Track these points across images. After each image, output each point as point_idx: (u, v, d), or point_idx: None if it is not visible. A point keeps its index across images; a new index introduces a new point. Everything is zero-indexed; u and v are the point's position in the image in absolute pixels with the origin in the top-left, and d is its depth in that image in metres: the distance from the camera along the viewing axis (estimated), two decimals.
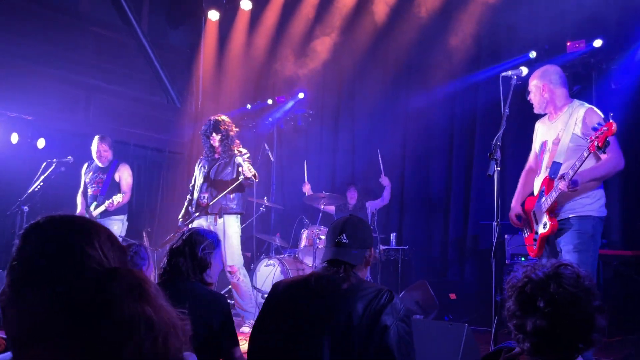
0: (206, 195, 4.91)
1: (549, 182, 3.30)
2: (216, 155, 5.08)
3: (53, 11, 7.51)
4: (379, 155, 6.61)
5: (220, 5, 8.10)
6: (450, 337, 2.56)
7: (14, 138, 6.65)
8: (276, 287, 2.16)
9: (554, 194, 3.18)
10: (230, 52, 8.28)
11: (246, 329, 4.72)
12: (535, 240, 3.36)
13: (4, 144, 6.53)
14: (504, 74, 3.39)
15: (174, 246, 2.48)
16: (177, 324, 1.02)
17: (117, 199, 5.51)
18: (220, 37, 8.41)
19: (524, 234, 3.54)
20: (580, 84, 5.53)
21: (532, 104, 3.54)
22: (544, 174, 3.39)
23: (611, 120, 2.83)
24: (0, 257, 6.34)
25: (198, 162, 5.26)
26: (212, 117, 5.11)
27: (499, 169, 3.08)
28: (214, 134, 4.97)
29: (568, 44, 5.58)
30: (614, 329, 4.74)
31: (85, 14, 7.91)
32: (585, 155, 2.97)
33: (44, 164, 5.97)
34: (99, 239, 1.03)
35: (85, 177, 6.00)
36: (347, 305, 1.90)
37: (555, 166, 3.29)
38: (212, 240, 2.54)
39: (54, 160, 5.98)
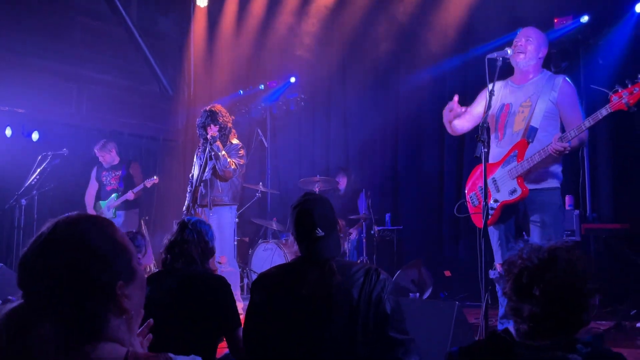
0: (199, 189, 4.93)
1: (521, 145, 3.28)
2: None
3: (40, 2, 7.45)
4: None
5: None
6: (441, 315, 2.65)
7: (8, 132, 6.66)
8: (263, 276, 2.17)
9: (536, 158, 3.19)
10: (220, 38, 8.26)
11: None
12: (492, 209, 3.30)
13: None
14: (489, 55, 3.39)
15: (182, 235, 2.56)
16: None
17: (140, 187, 6.13)
18: (209, 23, 8.38)
19: (474, 202, 3.56)
20: (567, 61, 5.58)
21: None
22: (511, 138, 3.37)
23: None
24: (1, 250, 6.40)
25: (197, 150, 5.26)
26: (207, 108, 5.01)
27: (486, 150, 3.12)
28: (211, 125, 4.86)
29: (555, 20, 5.61)
30: (606, 300, 4.88)
31: (74, 4, 7.84)
32: (604, 114, 2.95)
33: (40, 157, 6.03)
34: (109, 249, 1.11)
35: (97, 177, 6.31)
36: (344, 291, 1.97)
37: (532, 131, 3.29)
38: (212, 232, 2.69)
39: (49, 153, 6.04)
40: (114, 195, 6.15)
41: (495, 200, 3.34)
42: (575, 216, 5.00)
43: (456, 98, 3.55)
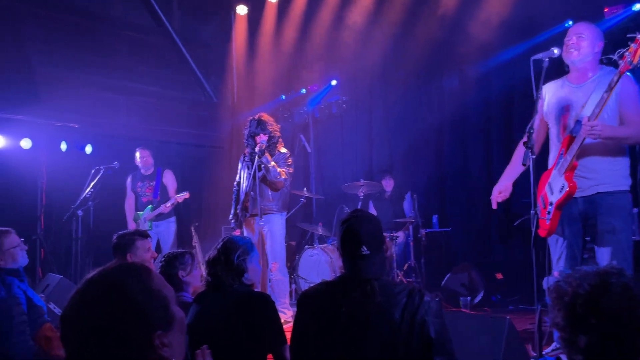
0: (249, 198, 4.97)
1: (569, 141, 3.10)
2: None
3: (87, 19, 7.72)
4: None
5: None
6: (492, 331, 2.58)
7: (63, 146, 6.96)
8: (306, 295, 2.18)
9: (575, 147, 3.01)
10: (261, 44, 8.34)
11: None
12: (549, 213, 3.13)
13: (54, 152, 6.86)
14: (534, 57, 3.24)
15: (211, 257, 2.60)
16: None
17: (172, 202, 6.05)
18: (250, 30, 8.47)
19: (537, 214, 3.31)
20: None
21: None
22: (562, 137, 3.21)
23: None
24: (61, 261, 6.68)
25: (242, 158, 5.25)
26: (255, 117, 4.99)
27: (534, 156, 3.01)
28: (261, 134, 4.85)
29: (606, 10, 5.37)
30: None
31: (118, 19, 8.11)
32: (616, 79, 2.81)
33: (93, 170, 6.26)
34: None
35: (132, 188, 6.35)
36: (386, 312, 1.95)
37: (578, 124, 3.08)
38: (245, 246, 2.65)
39: (102, 166, 6.26)
40: (149, 207, 6.18)
41: (551, 204, 3.17)
42: (635, 215, 4.77)
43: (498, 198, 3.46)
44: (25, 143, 6.55)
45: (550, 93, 3.40)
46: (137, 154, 6.32)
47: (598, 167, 3.11)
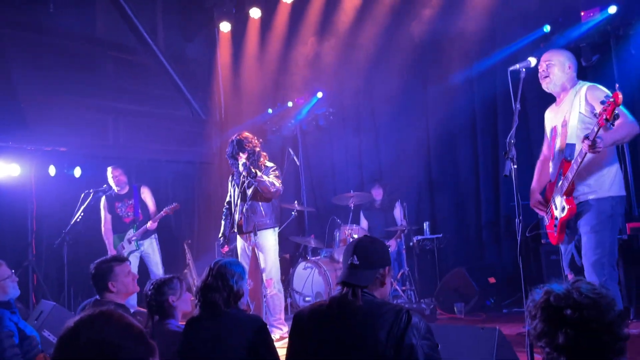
0: (242, 216, 4.97)
1: (565, 164, 3.30)
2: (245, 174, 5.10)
3: (71, 41, 7.71)
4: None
5: (231, 16, 8.18)
6: (482, 343, 2.61)
7: (52, 171, 6.91)
8: (300, 316, 2.24)
9: (574, 167, 3.17)
10: (246, 59, 8.37)
11: None
12: (555, 226, 3.38)
13: (43, 177, 6.80)
14: (511, 68, 3.37)
15: (206, 282, 2.60)
16: None
17: (160, 215, 5.95)
18: (234, 46, 8.50)
19: (546, 221, 3.56)
20: (598, 54, 5.42)
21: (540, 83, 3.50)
22: (558, 158, 3.41)
23: (617, 91, 2.82)
24: (53, 288, 6.64)
25: (230, 178, 5.29)
26: (233, 137, 5.06)
27: (515, 166, 3.07)
28: (240, 154, 4.92)
29: (582, 13, 5.46)
30: None
31: (102, 40, 8.09)
32: (596, 130, 2.94)
33: (82, 194, 6.24)
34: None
35: (109, 209, 6.15)
36: (371, 333, 1.98)
37: (569, 148, 3.31)
38: (240, 272, 2.68)
39: (91, 190, 6.24)
40: (132, 228, 6.02)
41: (556, 218, 3.37)
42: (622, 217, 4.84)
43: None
44: (14, 169, 6.48)
45: (547, 118, 3.66)
46: (109, 173, 6.12)
47: (589, 177, 3.28)
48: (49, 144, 6.96)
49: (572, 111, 3.34)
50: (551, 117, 3.60)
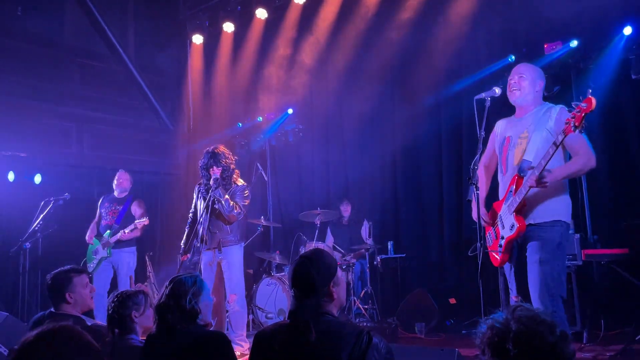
0: (206, 232, 4.87)
1: (517, 181, 3.22)
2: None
3: (38, 46, 7.56)
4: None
5: (204, 29, 8.18)
6: None
7: (11, 176, 6.71)
8: (261, 336, 2.21)
9: (523, 191, 3.13)
10: (217, 72, 8.36)
11: None
12: (500, 246, 3.29)
13: (1, 183, 6.61)
14: (476, 97, 3.41)
15: (160, 301, 2.50)
16: None
17: (131, 227, 5.80)
18: (206, 58, 8.49)
19: (489, 242, 3.47)
20: (559, 85, 5.63)
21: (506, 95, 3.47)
22: (512, 171, 3.33)
23: (590, 96, 2.76)
24: (7, 297, 6.42)
25: (196, 189, 5.18)
26: (210, 149, 4.96)
27: (478, 192, 3.14)
28: (214, 167, 4.82)
29: (545, 45, 5.68)
30: (612, 322, 4.89)
31: (70, 46, 7.95)
32: (560, 139, 2.91)
33: (42, 202, 6.07)
34: None
35: (100, 206, 6.14)
36: (332, 354, 1.97)
37: (525, 163, 3.23)
38: (197, 287, 2.54)
39: (52, 198, 6.08)
40: (107, 232, 5.90)
41: (502, 237, 3.29)
42: (576, 240, 4.99)
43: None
44: None
45: (500, 128, 3.59)
46: (117, 175, 6.20)
47: (537, 201, 3.22)
48: (7, 149, 6.77)
49: (538, 128, 3.26)
50: (505, 127, 3.51)
